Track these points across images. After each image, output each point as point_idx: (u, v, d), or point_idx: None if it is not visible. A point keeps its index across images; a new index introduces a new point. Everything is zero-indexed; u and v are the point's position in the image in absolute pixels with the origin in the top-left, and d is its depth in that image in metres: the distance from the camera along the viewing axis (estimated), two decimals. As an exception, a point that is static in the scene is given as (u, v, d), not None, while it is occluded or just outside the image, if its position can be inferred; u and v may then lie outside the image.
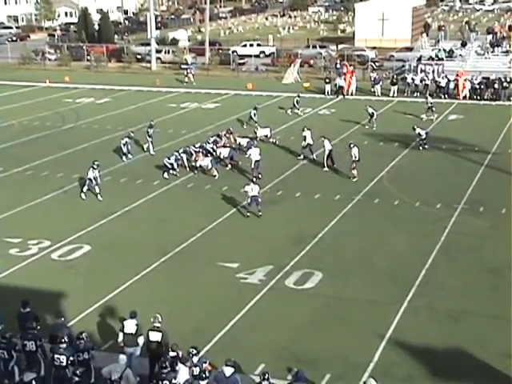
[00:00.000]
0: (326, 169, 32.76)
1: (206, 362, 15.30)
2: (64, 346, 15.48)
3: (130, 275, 21.88)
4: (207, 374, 14.80)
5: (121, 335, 16.66)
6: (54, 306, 19.82)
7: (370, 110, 40.78)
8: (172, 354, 15.47)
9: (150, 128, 36.37)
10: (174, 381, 14.75)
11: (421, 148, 35.94)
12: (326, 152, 32.77)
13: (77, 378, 14.83)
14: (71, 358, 15.38)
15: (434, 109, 43.19)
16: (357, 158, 31.04)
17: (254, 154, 31.00)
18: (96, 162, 29.22)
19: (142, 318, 16.96)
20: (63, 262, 23.19)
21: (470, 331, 18.59)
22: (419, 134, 35.97)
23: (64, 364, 15.36)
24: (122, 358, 15.42)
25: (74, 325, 18.60)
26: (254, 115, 40.81)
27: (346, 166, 31.88)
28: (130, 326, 16.58)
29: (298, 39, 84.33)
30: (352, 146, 31.29)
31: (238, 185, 30.28)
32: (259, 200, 26.72)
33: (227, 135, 35.89)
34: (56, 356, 15.43)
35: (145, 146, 36.15)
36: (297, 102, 45.58)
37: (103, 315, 19.48)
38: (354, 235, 25.25)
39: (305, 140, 34.17)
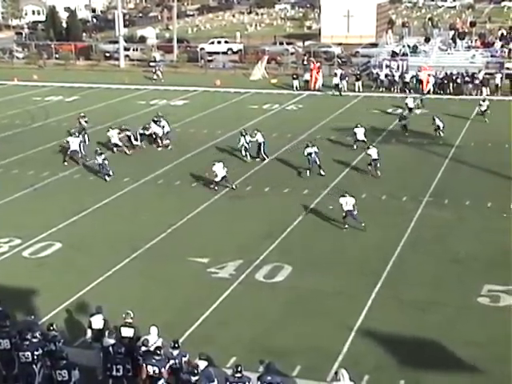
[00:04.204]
0: (258, 159, 33.59)
1: (185, 356, 15.45)
2: (27, 342, 15.53)
3: (102, 272, 21.99)
4: (198, 370, 14.80)
5: (89, 332, 16.83)
6: (25, 303, 19.86)
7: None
8: (144, 349, 15.65)
9: (83, 118, 37.67)
10: (128, 366, 15.14)
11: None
12: (261, 144, 33.49)
13: (64, 361, 14.98)
14: (36, 353, 15.47)
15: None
16: (375, 158, 31.09)
17: (219, 169, 29.35)
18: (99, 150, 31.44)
19: (113, 314, 17.13)
20: (34, 260, 23.23)
21: (437, 321, 18.95)
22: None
23: (30, 360, 15.45)
24: (154, 329, 16.18)
25: (45, 322, 18.57)
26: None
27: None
28: (97, 321, 16.75)
29: (264, 36, 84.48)
30: (370, 147, 32.00)
31: (207, 181, 30.54)
32: (354, 213, 24.90)
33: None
34: (21, 353, 15.51)
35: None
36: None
37: (75, 312, 19.55)
38: (323, 229, 25.58)
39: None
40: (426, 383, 16.18)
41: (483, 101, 42.21)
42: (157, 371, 15.02)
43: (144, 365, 15.13)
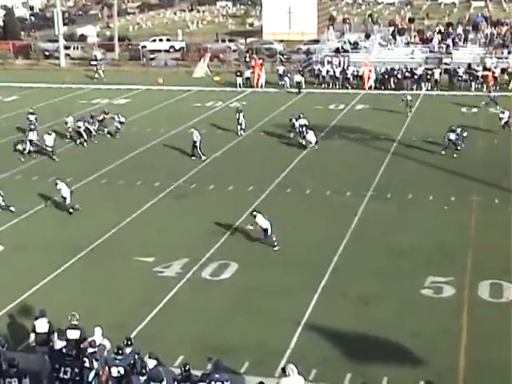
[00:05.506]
0: (194, 158, 33.74)
1: (138, 354, 15.41)
2: None
3: (45, 274, 21.68)
4: (147, 369, 14.77)
5: (32, 335, 16.55)
6: (-33, 308, 19.53)
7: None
8: (91, 350, 15.51)
9: (32, 115, 37.95)
10: (76, 369, 14.96)
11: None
12: (197, 142, 33.72)
13: (15, 369, 14.72)
14: None
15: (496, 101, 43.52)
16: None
17: (63, 187, 27.22)
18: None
19: (58, 317, 16.94)
20: (-25, 264, 22.79)
21: (382, 314, 19.19)
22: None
23: None
24: (98, 330, 15.97)
25: (-12, 326, 18.40)
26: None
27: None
28: (42, 325, 16.50)
29: (206, 34, 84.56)
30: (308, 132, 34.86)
31: (151, 179, 30.43)
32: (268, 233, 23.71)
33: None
34: None
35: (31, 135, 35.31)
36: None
37: (18, 316, 19.25)
38: (268, 225, 25.65)
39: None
40: (372, 375, 16.36)
41: (502, 112, 37.92)
42: (122, 371, 14.98)
43: (107, 368, 15.05)
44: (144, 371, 14.56)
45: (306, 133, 35.14)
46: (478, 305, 19.58)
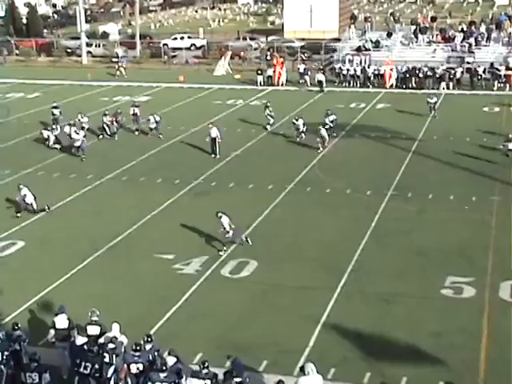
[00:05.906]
0: (213, 155, 33.69)
1: (158, 351, 15.47)
2: None
3: (66, 270, 21.83)
4: (167, 366, 14.79)
5: (52, 332, 16.64)
6: (-13, 303, 19.67)
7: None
8: (111, 346, 15.58)
9: (56, 109, 38.77)
10: (96, 366, 15.01)
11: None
12: (214, 138, 33.72)
13: (35, 364, 14.82)
14: (6, 353, 15.29)
15: None
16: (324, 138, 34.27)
17: (27, 192, 26.67)
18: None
19: (78, 313, 17.03)
20: (-4, 259, 22.97)
21: (401, 313, 19.14)
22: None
23: None
24: (115, 326, 16.15)
25: (8, 322, 18.39)
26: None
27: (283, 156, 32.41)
28: (62, 321, 16.60)
29: (228, 32, 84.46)
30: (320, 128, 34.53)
31: (172, 177, 30.50)
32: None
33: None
34: None
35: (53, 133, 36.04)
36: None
37: (38, 311, 19.41)
38: (288, 223, 25.65)
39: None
40: (392, 375, 16.32)
41: None
42: (141, 368, 15.05)
43: (126, 365, 15.12)
44: (164, 368, 14.60)
45: (320, 129, 34.68)
46: (499, 305, 19.45)
